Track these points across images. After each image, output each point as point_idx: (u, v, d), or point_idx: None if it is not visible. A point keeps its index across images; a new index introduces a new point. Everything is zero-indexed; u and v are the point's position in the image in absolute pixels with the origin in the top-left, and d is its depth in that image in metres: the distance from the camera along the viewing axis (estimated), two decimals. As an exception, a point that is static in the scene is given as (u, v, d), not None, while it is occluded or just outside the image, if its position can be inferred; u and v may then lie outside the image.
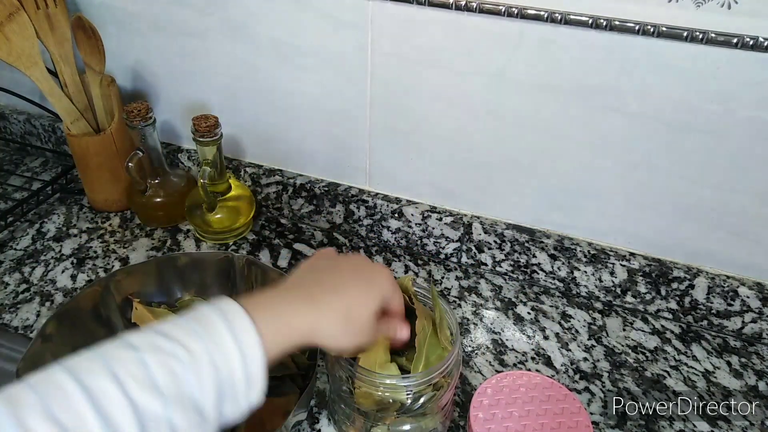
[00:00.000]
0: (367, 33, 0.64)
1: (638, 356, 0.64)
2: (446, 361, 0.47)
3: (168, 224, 0.81)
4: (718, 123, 0.56)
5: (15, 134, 0.98)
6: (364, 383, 0.47)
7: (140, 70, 0.81)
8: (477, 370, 0.62)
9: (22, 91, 0.85)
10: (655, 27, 0.52)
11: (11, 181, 0.90)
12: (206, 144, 0.70)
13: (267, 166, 0.82)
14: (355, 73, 0.67)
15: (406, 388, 0.47)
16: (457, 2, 0.57)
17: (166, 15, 0.73)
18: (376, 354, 0.47)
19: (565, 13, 0.54)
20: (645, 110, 0.58)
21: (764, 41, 0.49)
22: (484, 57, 0.60)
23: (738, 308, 0.65)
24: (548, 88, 0.60)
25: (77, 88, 0.78)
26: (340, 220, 0.80)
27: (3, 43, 0.69)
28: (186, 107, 0.81)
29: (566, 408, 0.53)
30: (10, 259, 0.75)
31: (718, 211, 0.61)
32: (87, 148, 0.77)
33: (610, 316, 0.69)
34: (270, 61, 0.71)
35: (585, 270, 0.70)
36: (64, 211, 0.84)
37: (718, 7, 0.50)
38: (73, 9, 0.76)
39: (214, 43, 0.72)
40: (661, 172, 0.61)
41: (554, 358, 0.64)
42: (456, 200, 0.74)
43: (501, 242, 0.72)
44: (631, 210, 0.65)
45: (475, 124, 0.66)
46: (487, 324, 0.68)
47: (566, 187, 0.67)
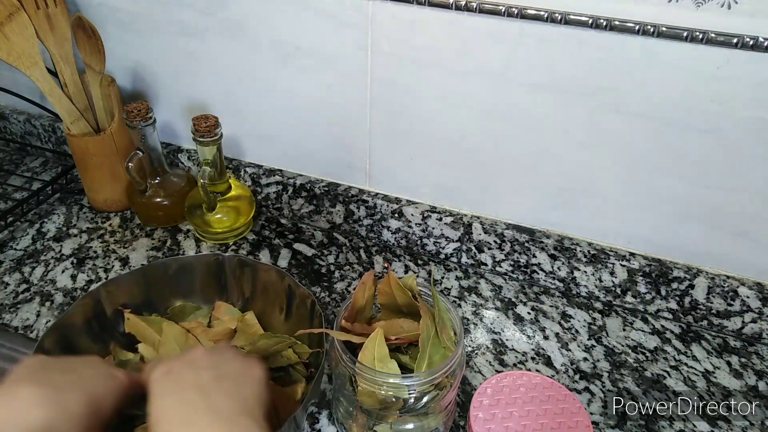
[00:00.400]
0: (367, 33, 0.64)
1: (638, 356, 0.64)
2: (450, 361, 0.47)
3: (168, 224, 0.82)
4: (718, 123, 0.56)
5: (15, 134, 0.98)
6: (366, 381, 0.47)
7: (140, 70, 0.81)
8: (477, 370, 0.62)
9: (22, 91, 0.85)
10: (655, 27, 0.52)
11: (11, 181, 0.90)
12: (206, 144, 0.70)
13: (267, 166, 0.82)
14: (355, 73, 0.67)
15: (409, 388, 0.47)
16: (457, 2, 0.57)
17: (167, 15, 0.73)
18: (374, 348, 0.47)
19: (565, 13, 0.54)
20: (645, 110, 0.58)
21: (764, 41, 0.49)
22: (484, 57, 0.60)
23: (738, 308, 0.65)
24: (548, 88, 0.60)
25: (77, 88, 0.78)
26: (340, 220, 0.80)
27: (3, 42, 0.69)
28: (186, 107, 0.81)
29: (566, 408, 0.53)
30: (10, 259, 0.75)
31: (718, 211, 0.61)
32: (87, 148, 0.77)
33: (610, 316, 0.69)
34: (270, 61, 0.71)
35: (585, 270, 0.70)
36: (64, 211, 0.84)
37: (718, 7, 0.50)
38: (73, 9, 0.76)
39: (214, 43, 0.72)
40: (661, 172, 0.61)
41: (554, 358, 0.64)
42: (456, 200, 0.74)
43: (501, 242, 0.72)
44: (631, 210, 0.65)
45: (475, 124, 0.66)
46: (487, 324, 0.68)
47: (566, 187, 0.67)
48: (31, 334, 0.65)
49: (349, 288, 0.72)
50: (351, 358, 0.47)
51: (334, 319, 0.55)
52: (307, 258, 0.77)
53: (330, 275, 0.74)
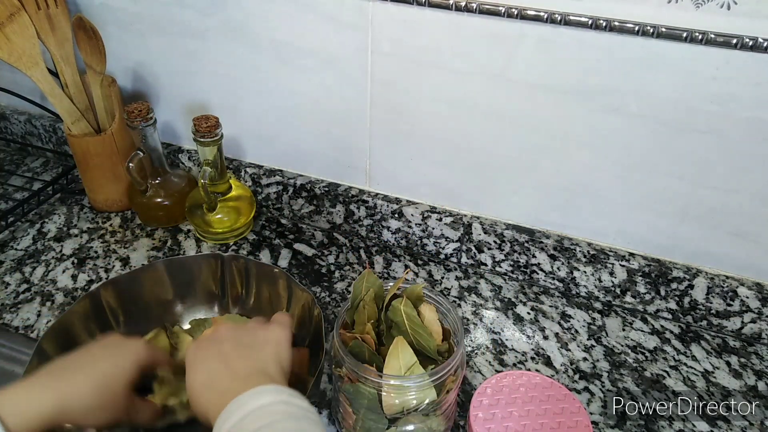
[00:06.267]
0: (367, 34, 0.64)
1: (638, 356, 0.65)
2: (451, 361, 0.47)
3: (168, 224, 0.82)
4: (718, 123, 0.56)
5: (16, 134, 0.98)
6: (365, 385, 0.47)
7: (141, 71, 0.81)
8: (477, 370, 0.62)
9: (22, 91, 0.85)
10: (654, 28, 0.52)
11: (12, 181, 0.90)
12: (207, 144, 0.70)
13: (267, 166, 0.82)
14: (355, 74, 0.67)
15: (409, 389, 0.47)
16: (457, 3, 0.57)
17: (167, 15, 0.73)
18: (399, 357, 0.48)
19: (564, 13, 0.54)
20: (645, 110, 0.58)
21: (763, 42, 0.50)
22: (484, 57, 0.61)
23: (737, 308, 0.65)
24: (548, 88, 0.60)
25: (78, 88, 0.78)
26: (341, 220, 0.80)
27: (4, 43, 0.69)
28: (186, 107, 0.81)
29: (566, 408, 0.53)
30: (10, 259, 0.75)
31: (717, 211, 0.62)
32: (88, 149, 0.78)
33: (609, 316, 0.70)
34: (270, 61, 0.71)
35: (584, 270, 0.70)
36: (64, 212, 0.84)
37: (718, 8, 0.50)
38: (74, 9, 0.76)
39: (214, 43, 0.73)
40: (661, 172, 0.61)
41: (554, 358, 0.64)
42: (456, 200, 0.74)
43: (501, 242, 0.72)
44: (631, 210, 0.65)
45: (475, 124, 0.66)
46: (486, 324, 0.68)
47: (566, 187, 0.67)
48: (31, 334, 0.65)
49: (349, 288, 0.72)
50: (378, 373, 0.47)
51: (334, 320, 0.55)
52: (308, 258, 0.77)
53: (330, 275, 0.74)
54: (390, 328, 0.51)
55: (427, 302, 0.53)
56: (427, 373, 0.47)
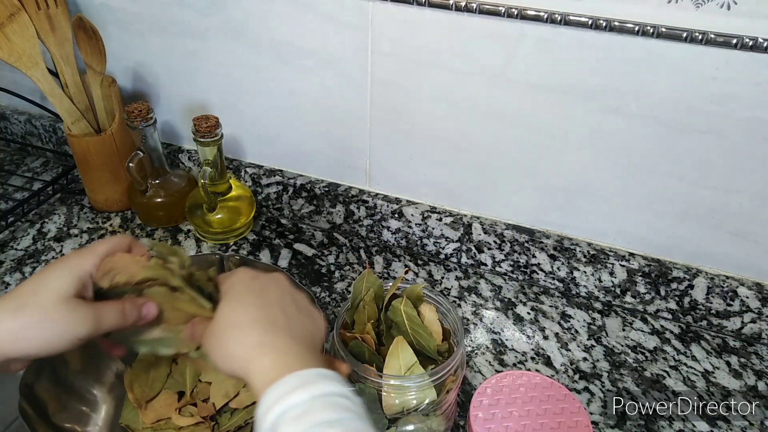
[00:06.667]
0: (367, 34, 0.64)
1: (638, 356, 0.65)
2: (451, 361, 0.47)
3: (168, 224, 0.82)
4: (718, 123, 0.56)
5: (16, 134, 0.98)
6: (365, 385, 0.47)
7: (141, 71, 0.81)
8: (477, 370, 0.62)
9: (22, 91, 0.85)
10: (654, 28, 0.52)
11: (12, 181, 0.90)
12: (207, 144, 0.70)
13: (267, 166, 0.82)
14: (355, 74, 0.67)
15: (409, 389, 0.47)
16: (457, 3, 0.57)
17: (167, 15, 0.73)
18: (399, 357, 0.48)
19: (564, 13, 0.54)
20: (645, 110, 0.58)
21: (763, 42, 0.50)
22: (484, 57, 0.61)
23: (737, 308, 0.65)
24: (548, 88, 0.60)
25: (78, 88, 0.78)
26: (341, 220, 0.80)
27: (4, 43, 0.69)
28: (186, 107, 0.81)
29: (566, 408, 0.53)
30: (10, 259, 0.75)
31: (717, 211, 0.62)
32: (88, 149, 0.78)
33: (609, 316, 0.70)
34: (270, 61, 0.71)
35: (584, 270, 0.70)
36: (64, 212, 0.84)
37: (718, 8, 0.50)
38: (74, 9, 0.76)
39: (214, 43, 0.73)
40: (661, 172, 0.61)
41: (554, 358, 0.64)
42: (456, 200, 0.74)
43: (501, 242, 0.72)
44: (631, 210, 0.65)
45: (475, 124, 0.66)
46: (486, 324, 0.68)
47: (566, 187, 0.67)
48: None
49: (349, 288, 0.72)
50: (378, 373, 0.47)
51: (334, 320, 0.55)
52: (308, 258, 0.77)
53: (330, 275, 0.74)
54: (390, 328, 0.52)
55: (427, 302, 0.53)
56: (427, 373, 0.47)
